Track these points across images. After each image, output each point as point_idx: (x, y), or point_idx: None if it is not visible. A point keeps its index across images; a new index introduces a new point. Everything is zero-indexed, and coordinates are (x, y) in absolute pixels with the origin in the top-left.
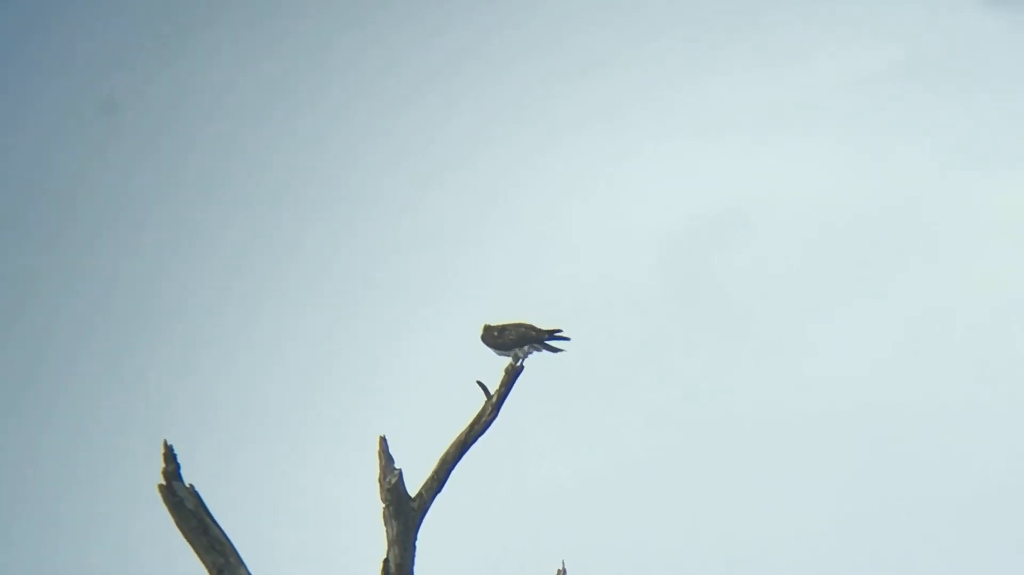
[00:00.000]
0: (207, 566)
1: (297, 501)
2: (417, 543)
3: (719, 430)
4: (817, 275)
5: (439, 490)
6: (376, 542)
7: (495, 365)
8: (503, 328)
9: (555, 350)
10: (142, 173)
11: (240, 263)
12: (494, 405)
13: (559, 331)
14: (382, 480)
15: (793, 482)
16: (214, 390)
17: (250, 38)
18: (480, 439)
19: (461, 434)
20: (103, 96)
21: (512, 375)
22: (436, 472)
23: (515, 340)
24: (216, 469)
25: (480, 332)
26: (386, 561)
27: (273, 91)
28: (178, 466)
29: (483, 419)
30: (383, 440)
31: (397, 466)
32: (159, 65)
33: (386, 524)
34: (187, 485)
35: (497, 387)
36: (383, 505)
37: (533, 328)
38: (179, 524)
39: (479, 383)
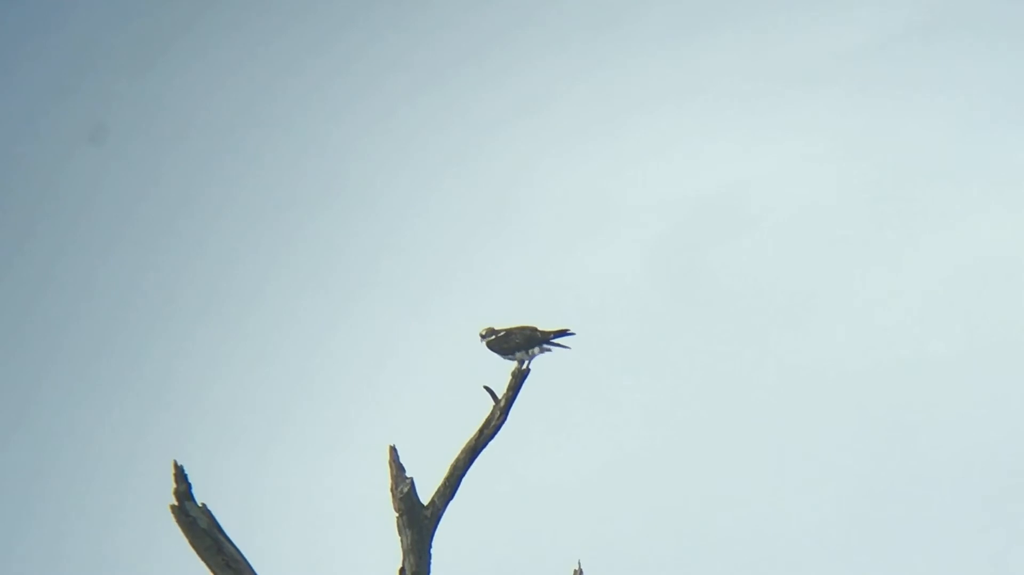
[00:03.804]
0: None
1: (309, 513)
2: (432, 550)
3: (720, 426)
4: (815, 265)
5: (452, 497)
6: (391, 551)
7: (499, 369)
8: (508, 332)
9: (563, 347)
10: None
11: (244, 267)
12: (503, 409)
13: (565, 330)
14: (394, 490)
15: (797, 475)
16: (221, 401)
17: (249, 33)
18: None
19: (471, 440)
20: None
21: (519, 378)
22: (448, 479)
23: (521, 343)
24: (226, 483)
25: (481, 331)
26: (402, 570)
27: (274, 91)
28: (189, 486)
29: (492, 424)
30: (393, 450)
31: (408, 475)
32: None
33: (400, 533)
34: (199, 504)
35: (505, 391)
36: (396, 514)
37: (537, 330)
38: (193, 543)
39: (486, 388)
